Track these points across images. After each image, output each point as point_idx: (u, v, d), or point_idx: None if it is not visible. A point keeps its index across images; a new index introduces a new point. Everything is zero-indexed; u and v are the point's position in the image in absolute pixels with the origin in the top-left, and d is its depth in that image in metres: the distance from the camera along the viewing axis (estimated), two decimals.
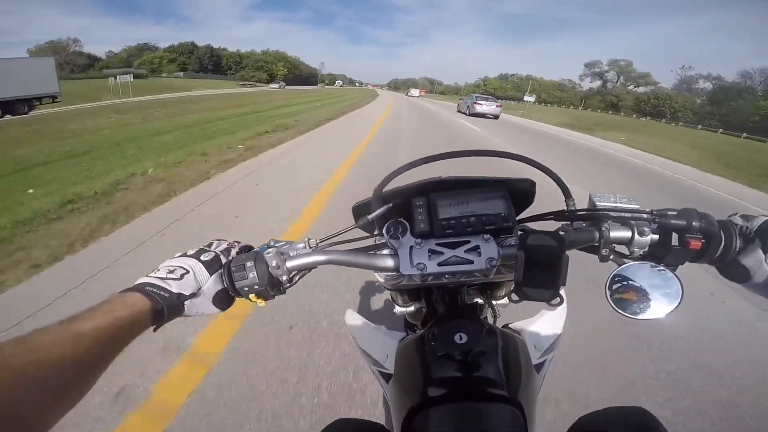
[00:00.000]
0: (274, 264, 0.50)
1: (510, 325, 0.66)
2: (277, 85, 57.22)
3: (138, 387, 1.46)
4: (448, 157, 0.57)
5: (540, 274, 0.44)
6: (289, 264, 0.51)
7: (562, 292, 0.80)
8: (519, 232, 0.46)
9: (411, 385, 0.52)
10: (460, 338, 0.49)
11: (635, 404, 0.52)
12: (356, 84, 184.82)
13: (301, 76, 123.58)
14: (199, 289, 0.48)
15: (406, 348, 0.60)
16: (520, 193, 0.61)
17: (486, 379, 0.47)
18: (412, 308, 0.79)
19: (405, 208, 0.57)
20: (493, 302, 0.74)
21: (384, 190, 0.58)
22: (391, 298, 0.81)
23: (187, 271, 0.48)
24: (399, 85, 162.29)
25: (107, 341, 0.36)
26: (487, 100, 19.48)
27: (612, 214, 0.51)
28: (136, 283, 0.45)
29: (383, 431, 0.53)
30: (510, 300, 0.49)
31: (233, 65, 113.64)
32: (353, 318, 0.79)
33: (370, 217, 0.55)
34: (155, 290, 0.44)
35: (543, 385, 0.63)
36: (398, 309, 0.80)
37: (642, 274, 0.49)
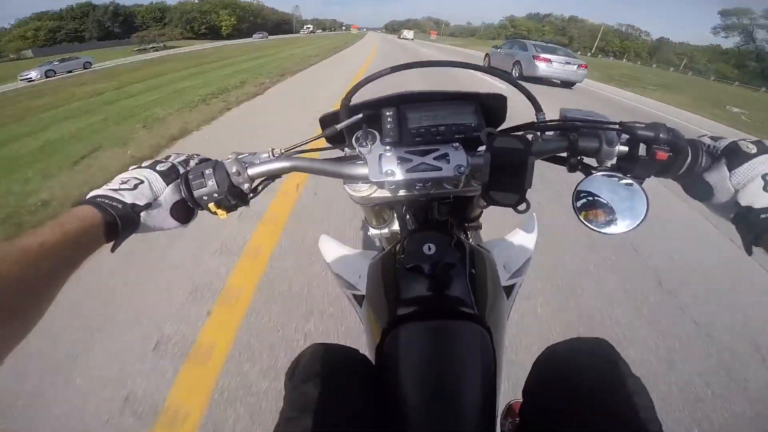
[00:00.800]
0: (234, 171, 0.48)
1: (481, 243, 0.67)
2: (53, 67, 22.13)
3: None
4: (416, 66, 0.54)
5: (506, 178, 0.44)
6: (251, 171, 0.49)
7: (534, 216, 0.81)
8: (487, 133, 0.45)
9: (381, 304, 0.53)
10: (429, 249, 0.50)
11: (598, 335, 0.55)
12: (342, 28, 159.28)
13: (265, 25, 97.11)
14: (156, 199, 0.45)
15: (376, 265, 0.61)
16: (492, 109, 0.59)
17: (454, 297, 0.47)
18: (386, 230, 0.79)
19: (374, 120, 0.55)
20: (465, 224, 0.75)
21: (352, 103, 0.56)
22: (365, 219, 0.81)
23: (142, 181, 0.45)
24: (397, 27, 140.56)
25: (57, 258, 0.34)
26: (554, 53, 9.59)
27: (580, 124, 0.50)
28: (87, 196, 0.42)
29: (357, 355, 0.54)
30: (479, 207, 0.48)
31: (153, 22, 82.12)
32: (327, 242, 0.79)
33: (338, 126, 0.53)
34: (107, 201, 0.41)
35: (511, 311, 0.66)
36: (372, 231, 0.81)
37: (609, 186, 0.49)
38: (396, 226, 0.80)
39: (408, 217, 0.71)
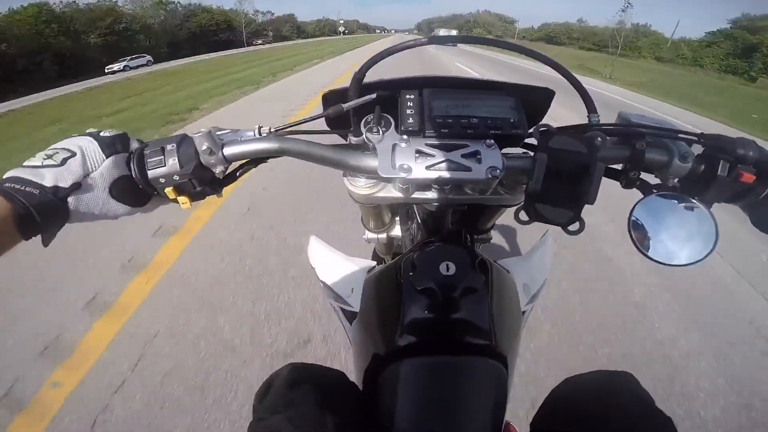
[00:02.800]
0: (205, 148, 0.37)
1: (499, 262, 0.58)
2: None
3: None
4: (471, 42, 0.44)
5: (560, 189, 0.35)
6: (228, 151, 0.39)
7: (550, 232, 0.71)
8: (541, 130, 0.35)
9: (379, 328, 0.44)
10: (447, 268, 0.40)
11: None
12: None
13: (177, 36, 44.98)
14: (87, 176, 0.34)
15: (376, 280, 0.51)
16: (532, 106, 0.49)
17: (472, 325, 0.39)
18: (383, 235, 0.69)
19: (390, 107, 0.44)
20: (475, 236, 0.66)
21: (366, 82, 0.45)
22: (362, 221, 0.71)
23: (74, 154, 0.33)
24: (442, 26, 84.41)
25: None
26: None
27: (648, 131, 0.41)
28: (4, 176, 0.32)
29: (343, 380, 0.46)
30: (518, 220, 0.38)
31: None
32: (316, 246, 0.68)
33: (345, 106, 0.42)
34: (20, 187, 0.30)
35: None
36: (369, 235, 0.70)
37: (670, 209, 0.42)
38: (396, 231, 0.69)
39: (414, 223, 0.61)
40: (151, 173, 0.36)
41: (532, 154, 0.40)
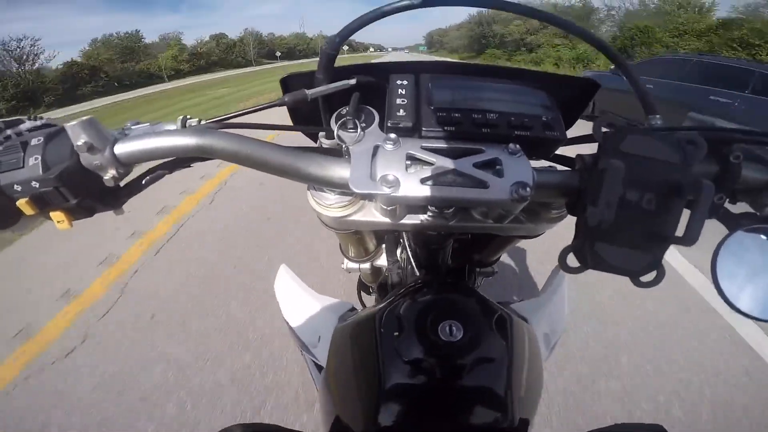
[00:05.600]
0: (82, 142, 0.25)
1: (513, 308, 0.45)
2: None
3: None
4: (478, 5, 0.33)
5: (632, 219, 0.23)
6: (122, 148, 0.27)
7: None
8: (602, 127, 0.24)
9: (349, 399, 0.35)
10: (450, 331, 0.30)
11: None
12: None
13: None
14: None
15: (346, 334, 0.40)
16: (565, 103, 0.38)
17: (484, 405, 0.29)
18: (367, 265, 0.56)
19: (375, 96, 0.34)
20: (477, 269, 0.54)
21: (342, 65, 0.35)
22: (340, 248, 0.58)
23: None
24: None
25: None
26: None
27: (743, 137, 0.29)
28: None
29: None
30: (566, 267, 0.26)
31: None
32: (285, 278, 0.55)
33: (310, 92, 0.31)
34: None
35: None
36: (349, 265, 0.58)
37: (761, 247, 0.31)
38: (383, 261, 0.57)
39: (404, 252, 0.49)
40: (3, 178, 0.25)
41: (559, 167, 0.29)
